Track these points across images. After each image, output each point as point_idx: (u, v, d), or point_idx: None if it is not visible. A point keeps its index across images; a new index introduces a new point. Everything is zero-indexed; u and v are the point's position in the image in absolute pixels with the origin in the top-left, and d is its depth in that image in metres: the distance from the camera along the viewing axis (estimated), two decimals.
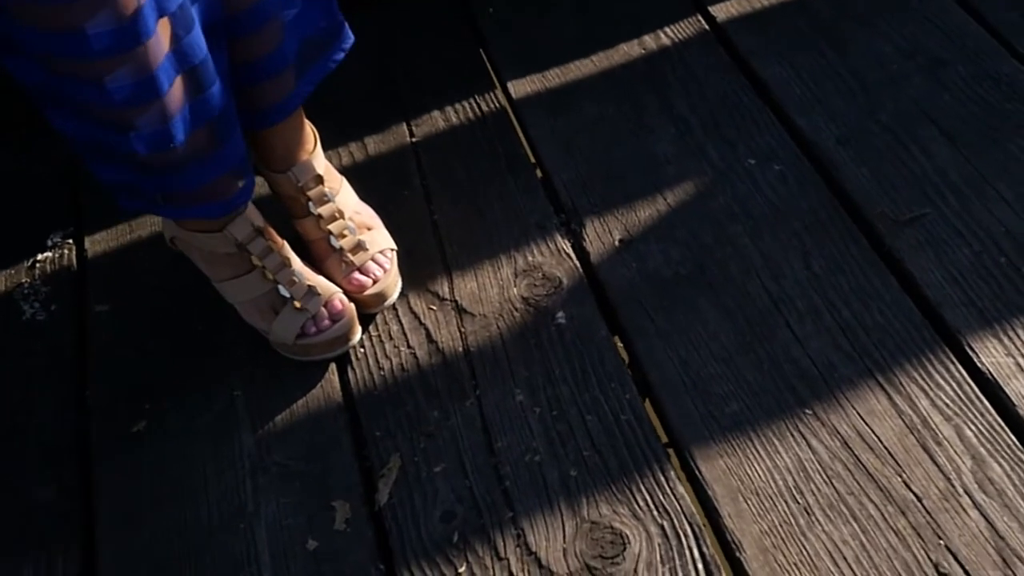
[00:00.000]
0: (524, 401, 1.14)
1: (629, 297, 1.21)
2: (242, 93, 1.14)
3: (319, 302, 1.20)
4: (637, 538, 1.02)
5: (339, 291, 1.22)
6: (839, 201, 1.25)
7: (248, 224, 1.18)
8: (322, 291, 1.21)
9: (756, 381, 1.11)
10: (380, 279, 1.23)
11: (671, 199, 1.30)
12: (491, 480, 1.09)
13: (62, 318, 1.35)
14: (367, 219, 1.27)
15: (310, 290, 1.20)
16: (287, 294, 1.20)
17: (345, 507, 1.10)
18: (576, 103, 1.45)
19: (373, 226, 1.27)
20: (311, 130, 1.24)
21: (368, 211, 1.29)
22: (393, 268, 1.25)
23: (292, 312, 1.20)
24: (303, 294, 1.20)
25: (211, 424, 1.20)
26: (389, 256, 1.26)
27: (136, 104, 0.99)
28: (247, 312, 1.24)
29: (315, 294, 1.20)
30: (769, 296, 1.18)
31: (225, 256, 1.20)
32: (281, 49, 1.12)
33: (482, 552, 1.04)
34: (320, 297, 1.20)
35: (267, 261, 1.19)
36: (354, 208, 1.27)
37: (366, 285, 1.23)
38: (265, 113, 1.17)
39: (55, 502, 1.17)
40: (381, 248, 1.25)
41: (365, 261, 1.23)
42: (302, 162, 1.22)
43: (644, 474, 1.06)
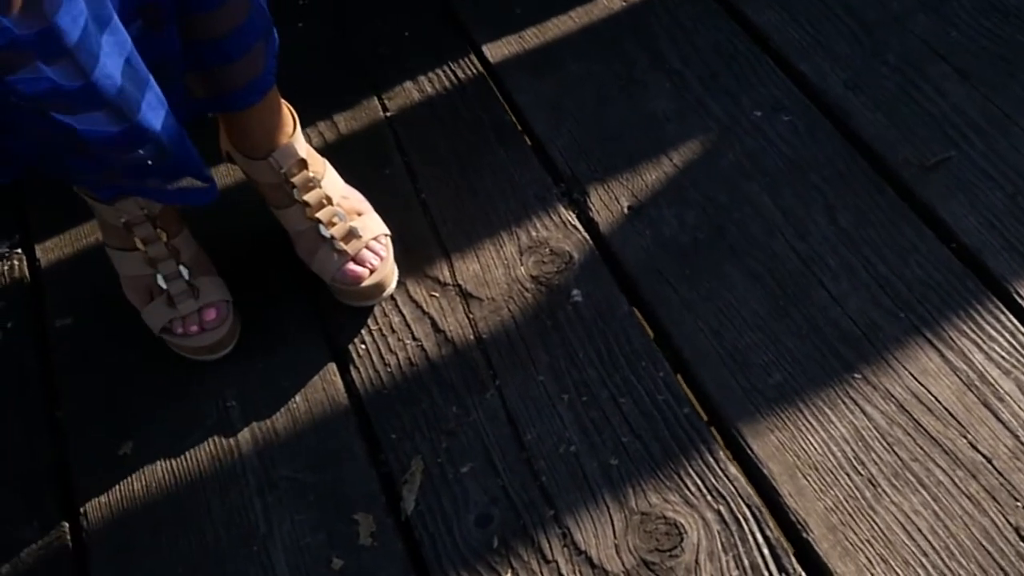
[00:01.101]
0: (549, 388, 1.07)
1: (647, 267, 1.14)
2: (211, 76, 1.04)
3: (192, 306, 1.13)
4: (694, 526, 0.95)
5: (223, 300, 1.15)
6: (857, 149, 1.19)
7: (136, 206, 1.12)
8: (203, 295, 1.14)
9: (797, 347, 1.05)
10: (377, 268, 1.14)
11: (677, 159, 1.23)
12: (525, 476, 1.01)
13: (20, 336, 1.24)
14: (356, 204, 1.18)
15: (189, 290, 1.14)
16: (163, 285, 1.14)
17: (368, 519, 1.02)
18: (559, 63, 1.37)
19: (363, 211, 1.18)
20: (289, 110, 1.14)
21: (356, 195, 1.20)
22: (389, 255, 1.16)
23: (163, 305, 1.14)
24: (179, 292, 1.14)
25: (205, 440, 1.10)
26: (384, 243, 1.17)
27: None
28: (126, 287, 1.18)
29: (191, 297, 1.14)
30: (797, 255, 1.12)
31: (113, 227, 1.14)
32: (251, 20, 1.02)
33: (527, 556, 0.96)
34: (195, 301, 1.14)
35: (150, 248, 1.14)
36: (342, 193, 1.17)
37: (362, 276, 1.14)
38: (239, 94, 1.07)
39: (40, 538, 1.06)
40: (375, 234, 1.16)
41: (359, 250, 1.14)
42: (283, 146, 1.12)
43: (691, 457, 1.00)
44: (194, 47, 1.00)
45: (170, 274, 1.14)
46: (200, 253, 1.18)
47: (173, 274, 1.14)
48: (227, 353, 1.16)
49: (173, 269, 1.14)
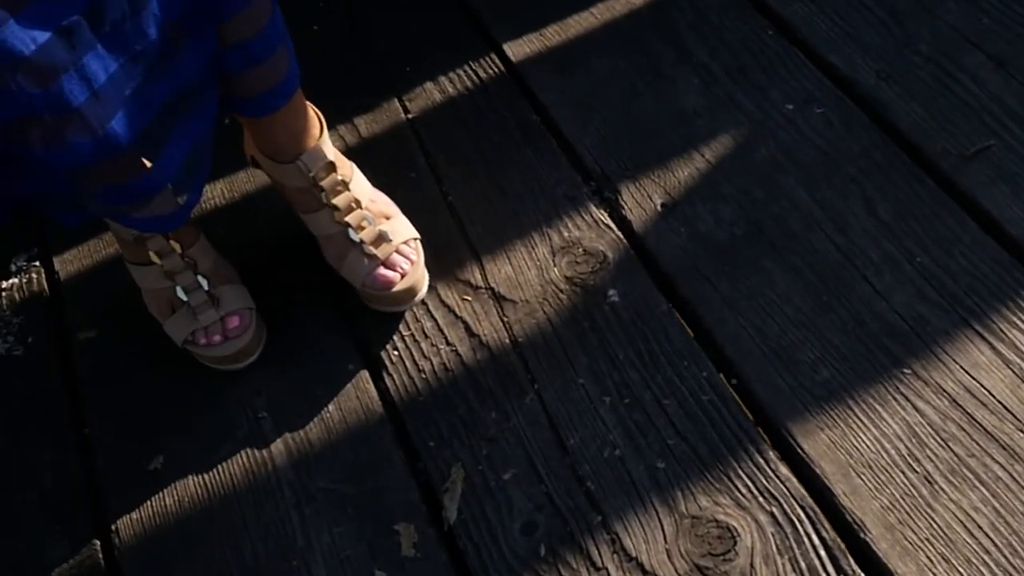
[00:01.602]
0: (590, 391, 1.05)
1: (685, 265, 1.12)
2: (235, 81, 1.02)
3: (213, 316, 1.11)
4: (747, 529, 0.93)
5: (245, 308, 1.13)
6: (893, 140, 1.17)
7: None
8: (224, 304, 1.12)
9: (843, 344, 1.03)
10: (408, 272, 1.12)
11: (709, 155, 1.21)
12: (570, 482, 0.99)
13: (42, 350, 1.22)
14: (384, 207, 1.16)
15: (209, 300, 1.12)
16: (184, 298, 1.12)
17: (410, 530, 1.00)
18: (583, 60, 1.35)
19: (391, 214, 1.16)
20: (315, 112, 1.12)
21: (383, 198, 1.18)
22: (420, 259, 1.14)
23: (185, 316, 1.12)
24: (200, 302, 1.12)
25: (237, 453, 1.08)
26: (414, 246, 1.15)
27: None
28: (148, 300, 1.16)
29: (212, 307, 1.12)
30: (838, 249, 1.10)
31: (127, 242, 1.12)
32: (272, 21, 1.00)
33: (576, 563, 0.94)
34: (216, 311, 1.11)
35: (166, 261, 1.12)
36: (369, 196, 1.15)
37: (394, 281, 1.11)
38: (266, 98, 1.05)
39: (71, 557, 1.04)
40: (405, 238, 1.14)
41: (389, 254, 1.12)
42: (311, 149, 1.10)
43: (740, 458, 0.98)
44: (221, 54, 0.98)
45: (189, 285, 1.12)
46: (219, 261, 1.16)
47: (192, 285, 1.12)
48: (253, 361, 1.14)
49: (191, 280, 1.12)
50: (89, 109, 0.84)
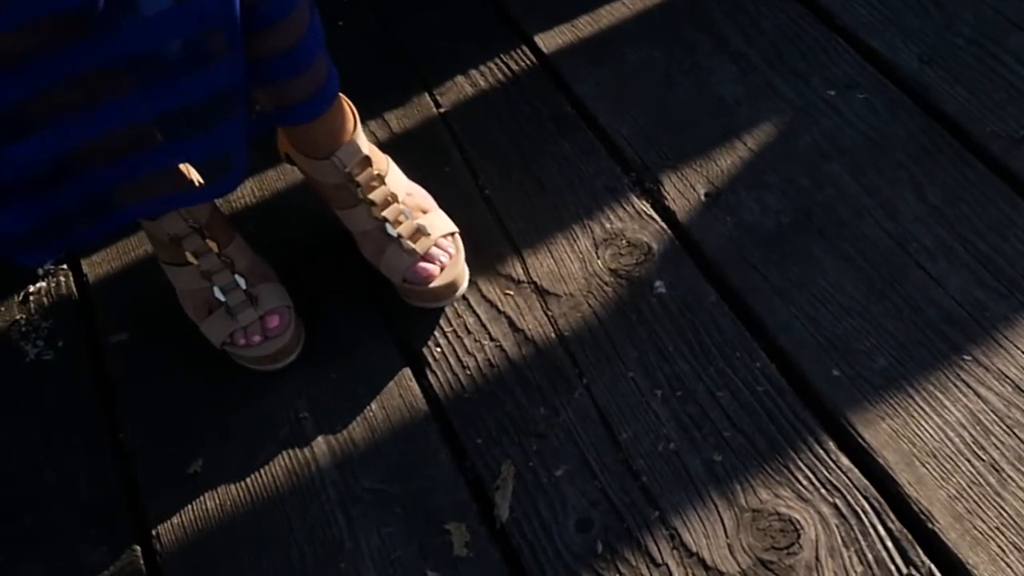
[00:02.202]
0: (640, 384, 1.03)
1: (732, 255, 1.11)
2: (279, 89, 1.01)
3: (253, 315, 1.10)
4: (810, 522, 0.91)
5: (284, 306, 1.11)
6: (940, 124, 1.16)
7: (180, 219, 1.08)
8: (262, 303, 1.11)
9: (900, 331, 1.01)
10: (447, 266, 1.11)
11: (751, 143, 1.20)
12: (624, 477, 0.98)
13: (74, 354, 1.20)
14: (421, 201, 1.15)
15: (248, 300, 1.10)
16: (221, 298, 1.10)
17: (461, 529, 0.98)
18: (616, 51, 1.33)
19: (428, 208, 1.15)
20: (349, 107, 1.11)
21: (420, 192, 1.16)
22: (460, 253, 1.13)
23: (223, 317, 1.11)
24: (238, 302, 1.10)
25: (279, 454, 1.06)
26: (452, 240, 1.13)
27: None
28: (183, 301, 1.15)
29: (250, 306, 1.10)
30: (889, 236, 1.08)
31: (162, 242, 1.11)
32: (312, 27, 0.99)
33: (635, 560, 0.93)
34: (255, 310, 1.10)
35: (203, 261, 1.10)
36: (406, 190, 1.14)
37: (434, 274, 1.10)
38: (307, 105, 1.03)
39: (111, 564, 1.02)
40: (443, 232, 1.12)
41: (428, 248, 1.11)
42: (345, 144, 1.09)
43: (799, 449, 0.96)
44: (260, 63, 0.96)
45: (226, 285, 1.11)
46: (256, 260, 1.14)
47: (229, 285, 1.11)
48: (292, 361, 1.12)
49: (229, 280, 1.11)
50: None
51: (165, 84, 0.88)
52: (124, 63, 0.85)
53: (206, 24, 0.86)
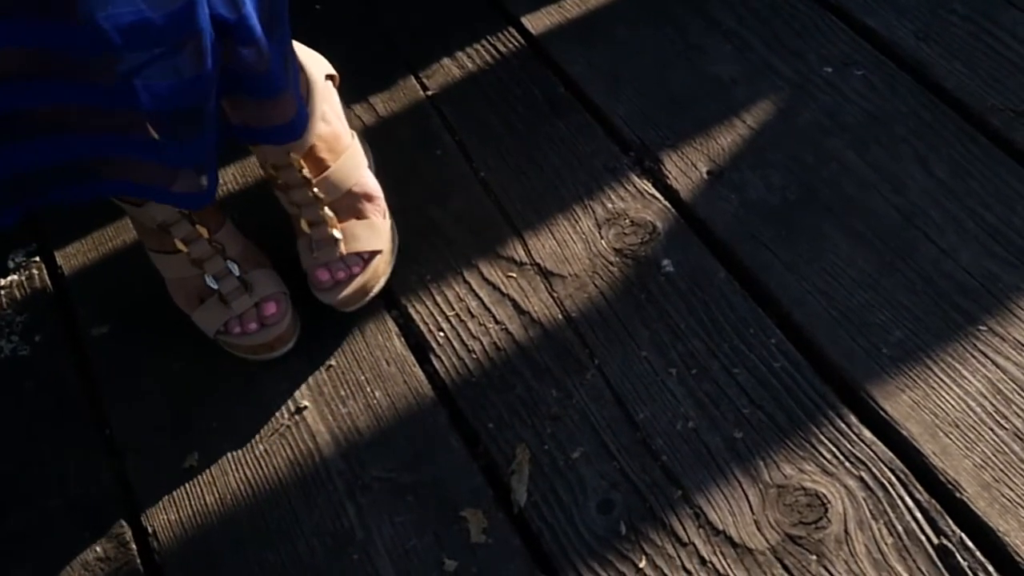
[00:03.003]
0: (654, 363, 1.03)
1: (740, 232, 1.11)
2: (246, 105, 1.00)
3: (248, 302, 1.08)
4: (836, 495, 0.92)
5: (279, 292, 1.09)
6: (940, 99, 1.18)
7: (167, 206, 1.05)
8: (257, 289, 1.08)
9: (914, 304, 1.02)
10: (339, 283, 1.08)
11: (751, 121, 1.20)
12: (644, 457, 0.97)
13: (52, 349, 1.17)
14: (362, 206, 1.11)
15: (241, 286, 1.08)
16: (214, 285, 1.08)
17: (477, 515, 0.96)
18: (607, 31, 1.33)
19: (366, 216, 1.11)
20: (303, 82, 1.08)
21: (370, 193, 1.12)
22: (365, 276, 1.09)
23: (217, 305, 1.08)
24: (231, 289, 1.08)
25: (280, 445, 1.04)
26: (366, 258, 1.10)
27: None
28: (173, 291, 1.12)
29: (245, 292, 1.08)
30: (897, 210, 1.09)
31: (149, 230, 1.08)
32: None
33: (660, 540, 0.92)
34: (250, 297, 1.08)
35: (193, 248, 1.08)
36: (346, 189, 1.10)
37: (323, 285, 1.08)
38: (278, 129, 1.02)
39: (106, 563, 0.99)
40: (359, 249, 1.09)
41: (331, 259, 1.08)
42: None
43: (820, 424, 0.96)
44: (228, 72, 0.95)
45: (218, 272, 1.08)
46: (248, 245, 1.12)
47: (222, 272, 1.08)
48: (289, 350, 1.10)
49: (221, 266, 1.08)
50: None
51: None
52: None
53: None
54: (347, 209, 1.11)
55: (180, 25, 0.85)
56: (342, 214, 1.10)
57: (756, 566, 0.89)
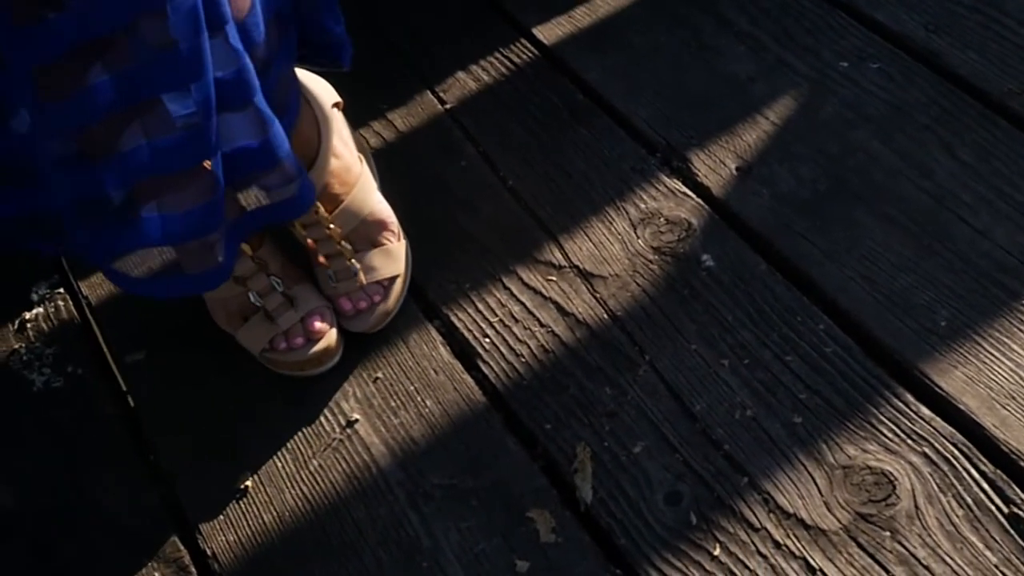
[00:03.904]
0: (705, 356, 1.05)
1: (775, 224, 1.14)
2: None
3: (293, 317, 1.08)
4: (903, 472, 0.94)
5: (323, 306, 1.10)
6: (957, 87, 1.22)
7: None
8: (301, 304, 1.09)
9: (955, 283, 1.06)
10: (362, 312, 1.10)
11: (773, 117, 1.23)
12: (706, 448, 0.99)
13: (87, 379, 1.16)
14: (377, 233, 1.12)
15: (286, 301, 1.09)
16: (258, 303, 1.08)
17: (544, 515, 0.98)
18: (620, 38, 1.36)
19: (381, 242, 1.12)
20: (318, 124, 1.10)
21: (383, 219, 1.13)
22: (388, 303, 1.11)
23: (262, 322, 1.09)
24: (276, 305, 1.09)
25: (335, 460, 1.04)
26: (386, 285, 1.11)
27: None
28: (214, 310, 1.13)
29: (291, 307, 1.09)
30: (927, 195, 1.13)
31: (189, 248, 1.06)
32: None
33: (732, 527, 0.94)
34: (296, 312, 1.09)
35: (237, 266, 1.07)
36: (361, 219, 1.11)
37: (347, 314, 1.10)
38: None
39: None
40: (378, 279, 1.11)
41: (352, 290, 1.10)
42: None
43: (878, 404, 0.99)
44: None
45: (262, 289, 1.09)
46: (287, 261, 1.13)
47: (265, 288, 1.09)
48: (335, 364, 1.10)
49: (265, 283, 1.09)
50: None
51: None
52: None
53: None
54: (363, 239, 1.12)
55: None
56: (358, 243, 1.11)
57: (831, 546, 0.91)
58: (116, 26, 0.80)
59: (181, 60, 0.82)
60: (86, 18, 0.78)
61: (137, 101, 0.84)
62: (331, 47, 1.07)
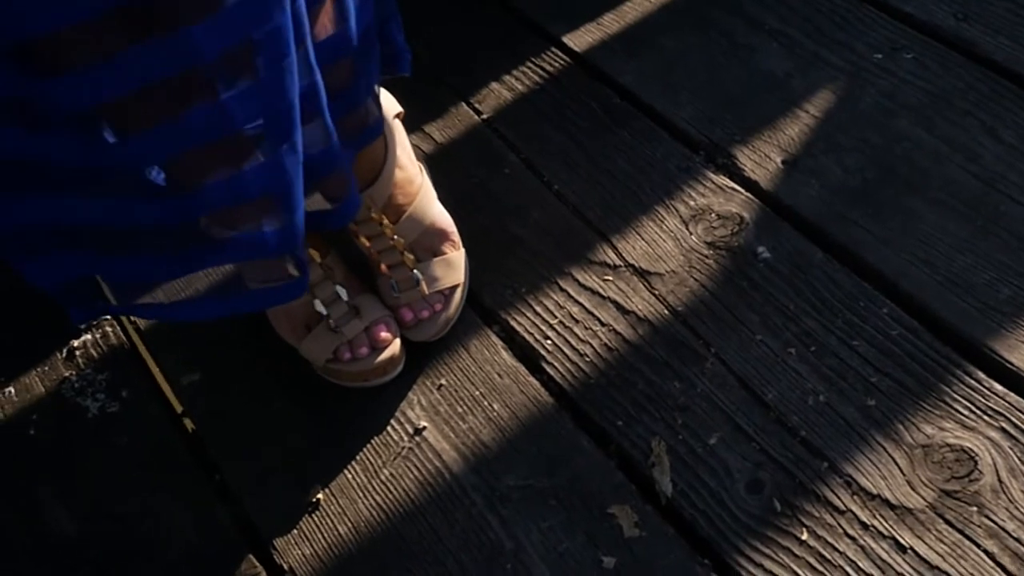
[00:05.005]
0: (771, 345, 1.06)
1: (829, 214, 1.15)
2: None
3: (359, 326, 1.09)
4: (983, 448, 0.95)
5: (387, 315, 1.11)
6: (994, 72, 1.24)
7: None
8: (366, 314, 1.09)
9: (1014, 261, 1.07)
10: (423, 321, 1.11)
11: (813, 110, 1.26)
12: (782, 435, 1.00)
13: (143, 403, 1.16)
14: (439, 243, 1.14)
15: (351, 311, 1.09)
16: (324, 311, 1.09)
17: (626, 510, 0.98)
18: (651, 41, 1.38)
19: (442, 252, 1.14)
20: (384, 138, 1.11)
21: (445, 229, 1.15)
22: (449, 311, 1.12)
23: (326, 332, 1.09)
24: (342, 314, 1.09)
25: (406, 468, 1.05)
26: (447, 294, 1.13)
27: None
28: (276, 321, 1.13)
29: (356, 316, 1.09)
30: (976, 178, 1.15)
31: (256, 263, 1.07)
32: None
33: (817, 511, 0.94)
34: (361, 321, 1.09)
35: None
36: (423, 229, 1.13)
37: (408, 324, 1.11)
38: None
39: None
40: (440, 288, 1.12)
41: (414, 299, 1.11)
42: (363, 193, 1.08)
43: (950, 383, 1.00)
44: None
45: (327, 298, 1.09)
46: (349, 271, 1.13)
47: (330, 297, 1.09)
48: (398, 374, 1.11)
49: (331, 292, 1.09)
50: None
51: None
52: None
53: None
54: (424, 248, 1.13)
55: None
56: (420, 253, 1.13)
57: (919, 524, 0.92)
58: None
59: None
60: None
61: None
62: (396, 56, 1.08)
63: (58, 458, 1.13)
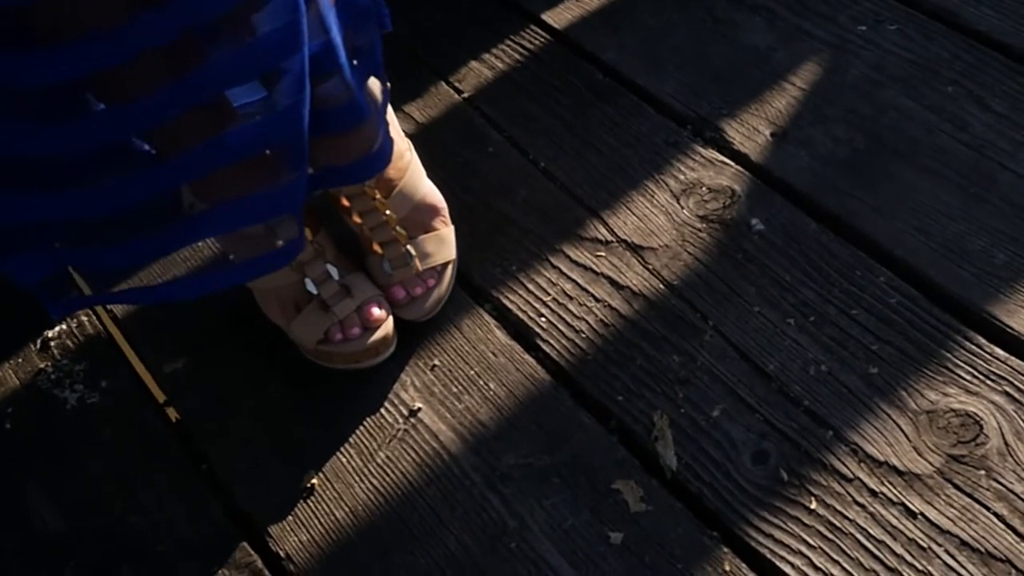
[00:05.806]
0: (770, 316, 1.06)
1: (820, 184, 1.15)
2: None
3: (351, 306, 1.07)
4: (987, 412, 0.96)
5: (378, 295, 1.09)
6: (978, 41, 1.25)
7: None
8: (357, 293, 1.08)
9: (1008, 227, 1.08)
10: (416, 299, 1.10)
11: (800, 83, 1.26)
12: (785, 405, 1.00)
13: (124, 392, 1.14)
14: (429, 218, 1.12)
15: (342, 290, 1.08)
16: (314, 291, 1.07)
17: (631, 485, 0.97)
18: (632, 17, 1.38)
19: (434, 227, 1.12)
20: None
21: (435, 204, 1.13)
22: (441, 288, 1.11)
23: (317, 312, 1.07)
24: (333, 294, 1.07)
25: (403, 451, 1.03)
26: (440, 271, 1.12)
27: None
28: (264, 302, 1.11)
29: (347, 296, 1.07)
30: (966, 146, 1.16)
31: (249, 232, 1.04)
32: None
33: (825, 480, 0.94)
34: (353, 300, 1.07)
35: None
36: (414, 204, 1.11)
37: (401, 302, 1.10)
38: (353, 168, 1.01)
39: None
40: (433, 264, 1.11)
41: (407, 277, 1.10)
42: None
43: (950, 349, 1.01)
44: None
45: (318, 276, 1.07)
46: (339, 251, 1.11)
47: (322, 276, 1.07)
48: (389, 355, 1.09)
49: (322, 270, 1.07)
50: None
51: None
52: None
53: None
54: (416, 224, 1.11)
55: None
56: (412, 229, 1.11)
57: (927, 489, 0.92)
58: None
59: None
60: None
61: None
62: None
63: (40, 452, 1.10)
